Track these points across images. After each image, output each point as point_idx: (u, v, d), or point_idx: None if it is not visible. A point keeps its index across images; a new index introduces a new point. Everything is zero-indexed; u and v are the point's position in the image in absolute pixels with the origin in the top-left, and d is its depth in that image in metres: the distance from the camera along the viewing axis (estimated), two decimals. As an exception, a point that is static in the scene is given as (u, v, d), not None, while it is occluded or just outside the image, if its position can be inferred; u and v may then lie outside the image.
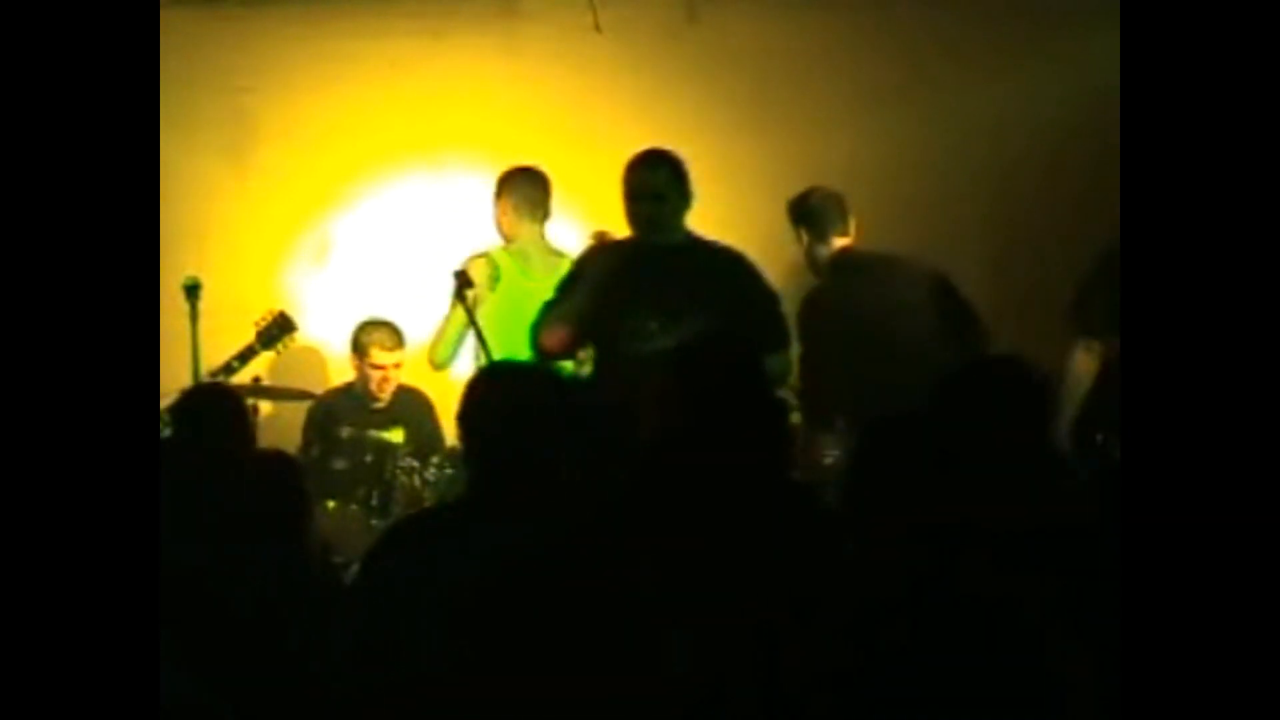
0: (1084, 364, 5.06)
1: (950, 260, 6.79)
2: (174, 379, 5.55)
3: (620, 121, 6.73)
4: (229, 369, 5.87)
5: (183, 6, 6.49)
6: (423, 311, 6.12)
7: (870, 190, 6.75)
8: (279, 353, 6.11)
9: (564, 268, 5.54)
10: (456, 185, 6.73)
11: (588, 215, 6.36)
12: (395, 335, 6.36)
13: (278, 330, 6.04)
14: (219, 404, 4.67)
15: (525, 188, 5.93)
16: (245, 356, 5.94)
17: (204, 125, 6.69)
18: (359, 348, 6.39)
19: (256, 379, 6.14)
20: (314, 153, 6.89)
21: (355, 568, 3.81)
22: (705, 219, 6.69)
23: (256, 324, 6.02)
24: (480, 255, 5.85)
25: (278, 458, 4.21)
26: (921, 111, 6.71)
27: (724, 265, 5.30)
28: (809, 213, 5.83)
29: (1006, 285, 6.76)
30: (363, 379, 6.37)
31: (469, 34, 6.81)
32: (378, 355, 6.33)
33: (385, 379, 6.34)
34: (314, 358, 6.84)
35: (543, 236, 5.94)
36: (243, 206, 6.88)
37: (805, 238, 5.82)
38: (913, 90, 6.72)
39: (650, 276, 5.15)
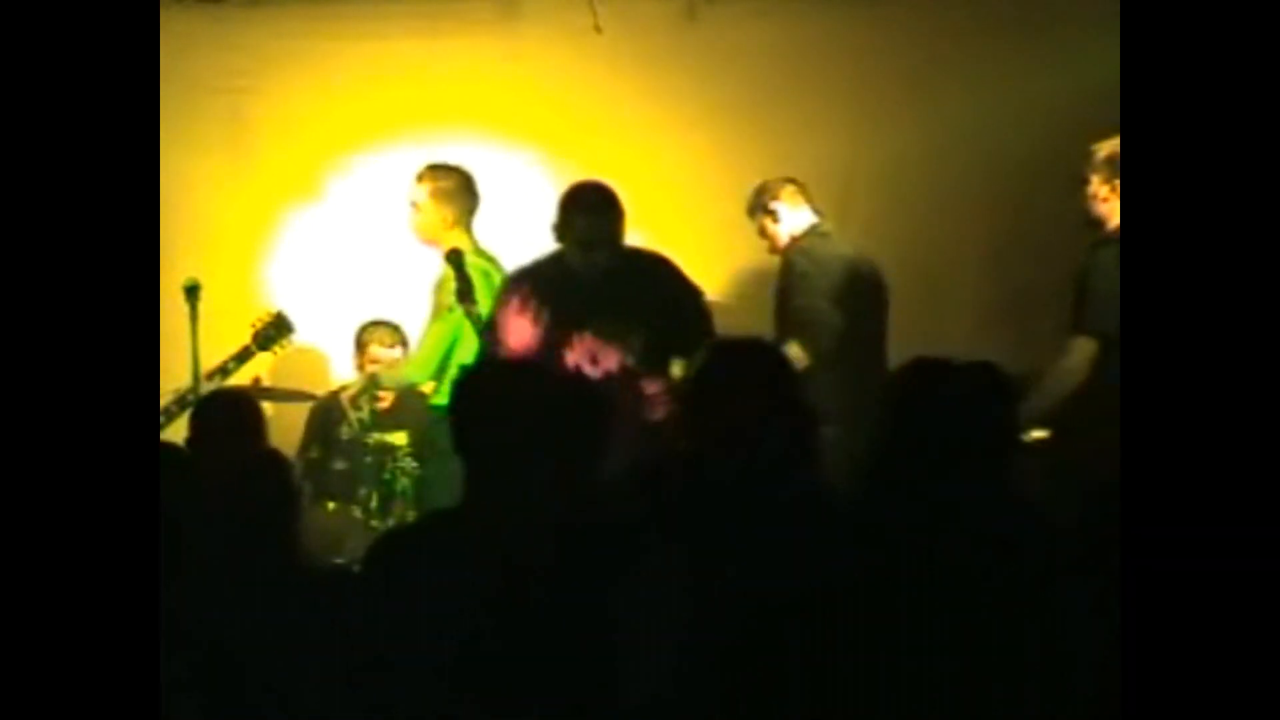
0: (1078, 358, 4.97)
1: (948, 260, 6.81)
2: (173, 380, 5.55)
3: (621, 122, 6.73)
4: (225, 370, 5.78)
5: (182, 6, 6.49)
6: (424, 313, 6.11)
7: (870, 189, 6.77)
8: (275, 354, 6.07)
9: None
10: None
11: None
12: (396, 334, 6.37)
13: (274, 331, 5.96)
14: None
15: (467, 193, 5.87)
16: (242, 358, 5.85)
17: (203, 125, 6.68)
18: (360, 347, 6.40)
19: (257, 380, 6.11)
20: (314, 153, 6.89)
21: (357, 570, 3.78)
22: (704, 219, 6.72)
23: (253, 325, 5.93)
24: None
25: (268, 456, 4.13)
26: (921, 110, 6.71)
27: (651, 272, 5.34)
28: (774, 194, 6.12)
29: (1004, 285, 6.77)
30: (365, 380, 6.37)
31: (469, 34, 6.81)
32: (378, 354, 6.33)
33: (386, 380, 6.34)
34: (315, 358, 6.84)
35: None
36: (242, 206, 6.87)
37: (776, 216, 6.10)
38: (912, 89, 6.71)
39: (588, 300, 5.19)
